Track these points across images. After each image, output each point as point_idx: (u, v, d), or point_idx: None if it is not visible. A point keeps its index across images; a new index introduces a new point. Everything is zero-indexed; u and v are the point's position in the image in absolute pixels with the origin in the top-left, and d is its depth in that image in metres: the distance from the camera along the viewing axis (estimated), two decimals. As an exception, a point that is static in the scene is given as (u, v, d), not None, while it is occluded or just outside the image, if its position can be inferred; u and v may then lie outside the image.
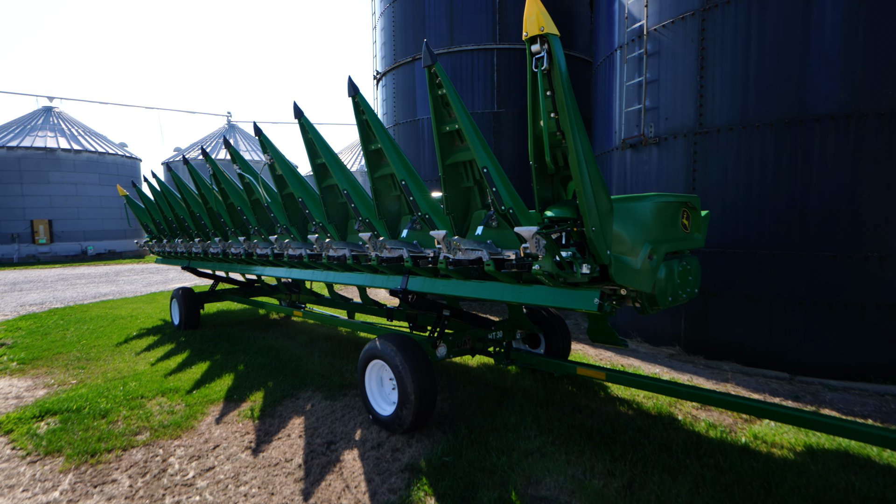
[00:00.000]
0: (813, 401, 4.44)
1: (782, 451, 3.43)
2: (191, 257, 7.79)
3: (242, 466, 3.45)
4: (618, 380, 3.96)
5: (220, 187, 5.94)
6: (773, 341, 5.20)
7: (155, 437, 3.91)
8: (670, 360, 5.76)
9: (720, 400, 3.45)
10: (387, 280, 4.29)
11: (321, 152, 4.24)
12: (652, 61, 6.02)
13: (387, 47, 10.90)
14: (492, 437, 3.66)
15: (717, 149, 5.47)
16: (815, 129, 4.86)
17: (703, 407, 4.23)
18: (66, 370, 5.76)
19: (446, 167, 3.37)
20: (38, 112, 27.47)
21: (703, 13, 5.47)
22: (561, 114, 2.46)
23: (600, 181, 2.68)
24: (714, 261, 5.54)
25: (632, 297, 3.30)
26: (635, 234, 3.06)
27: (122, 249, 26.92)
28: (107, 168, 26.41)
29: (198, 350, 6.45)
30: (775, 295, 5.17)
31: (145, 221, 8.98)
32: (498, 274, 3.24)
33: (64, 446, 3.74)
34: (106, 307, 10.20)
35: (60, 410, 4.39)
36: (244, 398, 4.71)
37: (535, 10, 2.34)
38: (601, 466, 3.23)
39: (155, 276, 16.65)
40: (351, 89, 3.66)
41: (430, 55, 2.94)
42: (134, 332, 7.73)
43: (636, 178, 6.40)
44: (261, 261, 5.95)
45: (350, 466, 3.40)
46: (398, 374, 3.65)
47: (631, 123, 6.38)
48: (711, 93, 5.47)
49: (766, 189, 5.15)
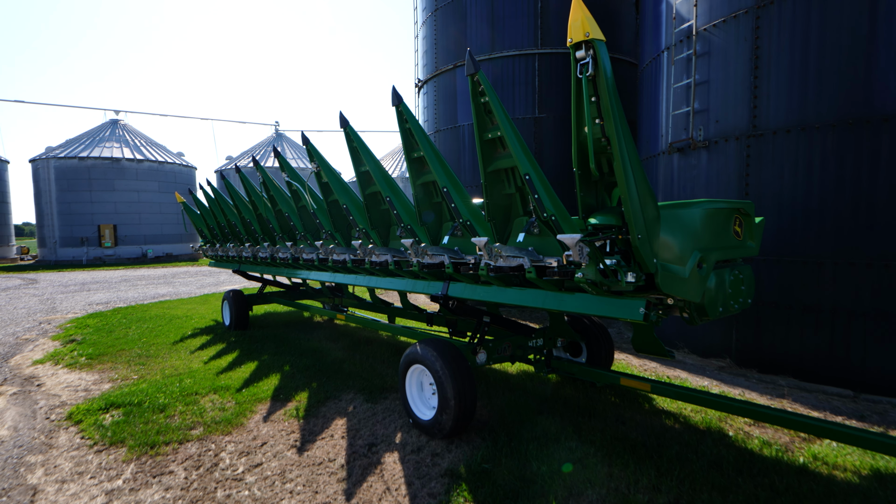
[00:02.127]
0: (880, 421, 4.14)
1: (845, 473, 3.21)
2: (241, 261, 8.15)
3: (288, 464, 3.57)
4: (664, 392, 3.83)
5: (269, 194, 6.19)
6: (835, 355, 4.88)
7: (208, 432, 4.11)
8: (720, 372, 5.51)
9: (776, 416, 3.27)
10: (428, 286, 4.34)
11: (365, 160, 4.34)
12: (701, 62, 5.82)
13: (428, 55, 11.05)
14: (532, 445, 3.62)
15: (772, 152, 5.21)
16: (883, 129, 4.54)
17: (756, 423, 4.02)
18: (129, 366, 6.14)
19: (488, 174, 3.38)
20: (105, 125, 29.58)
21: (758, 10, 5.24)
22: (606, 120, 2.42)
23: (647, 188, 2.62)
24: (769, 270, 5.27)
25: (679, 306, 3.19)
26: (684, 242, 2.97)
27: (178, 253, 28.49)
28: (165, 176, 28.08)
29: (247, 350, 6.72)
30: (837, 306, 4.85)
31: (200, 226, 9.47)
32: (539, 281, 3.22)
33: (126, 437, 3.99)
34: (164, 307, 10.80)
35: (123, 404, 4.69)
36: (290, 398, 4.87)
37: (581, 15, 2.32)
38: (646, 481, 3.13)
39: (208, 279, 17.48)
40: (395, 99, 3.74)
41: (472, 63, 2.97)
42: (189, 331, 8.15)
43: (684, 183, 6.19)
44: (306, 265, 6.15)
45: (391, 469, 3.45)
46: (438, 380, 3.68)
47: (678, 127, 6.18)
48: (766, 93, 5.23)
49: (827, 194, 4.86)
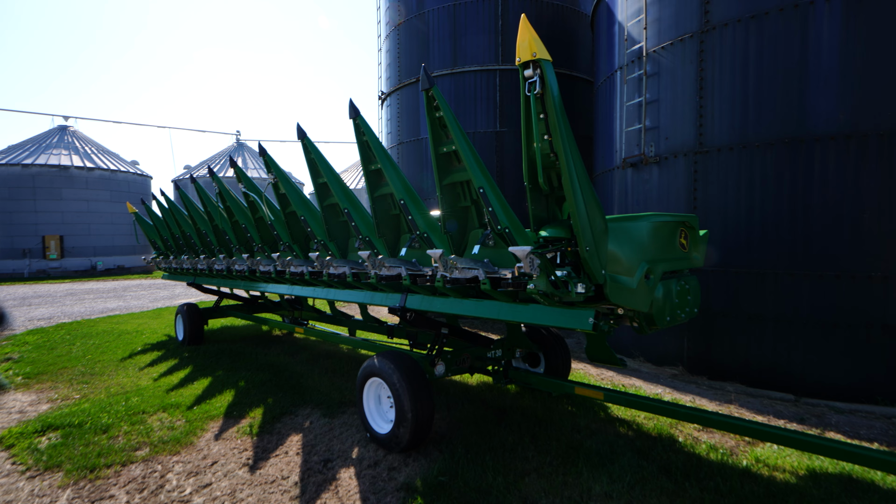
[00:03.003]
0: (818, 423, 4.37)
1: (784, 474, 3.37)
2: (196, 273, 7.88)
3: (239, 483, 3.45)
4: (616, 400, 3.93)
5: (225, 205, 6.04)
6: (778, 362, 5.14)
7: (154, 452, 3.92)
8: (673, 380, 5.70)
9: (721, 422, 3.41)
10: (386, 298, 4.32)
11: (322, 172, 4.32)
12: (651, 82, 6.10)
13: (392, 68, 11.12)
14: (489, 456, 3.63)
15: (717, 168, 5.50)
16: (816, 149, 4.87)
17: (705, 429, 4.18)
18: (70, 385, 5.80)
19: (444, 187, 3.42)
20: (53, 131, 28.15)
21: (702, 35, 5.55)
22: (554, 136, 2.50)
23: (595, 201, 2.71)
24: (717, 281, 5.52)
25: (629, 316, 3.30)
26: (631, 254, 3.08)
27: (130, 265, 27.24)
28: (118, 185, 26.90)
29: (200, 366, 6.48)
30: (779, 315, 5.12)
31: (153, 238, 9.12)
32: (494, 293, 3.26)
33: (64, 461, 3.76)
34: (112, 322, 10.29)
35: (62, 425, 4.42)
36: (244, 414, 4.72)
37: (528, 36, 2.41)
38: (599, 488, 3.19)
39: (162, 292, 16.79)
40: (352, 111, 3.75)
41: (427, 79, 3.02)
42: (139, 347, 7.78)
43: (637, 197, 6.43)
44: (264, 277, 6.01)
45: (346, 485, 3.38)
46: (395, 392, 3.65)
47: (631, 143, 6.44)
48: (711, 113, 5.52)
49: (768, 209, 5.15)
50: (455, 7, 9.76)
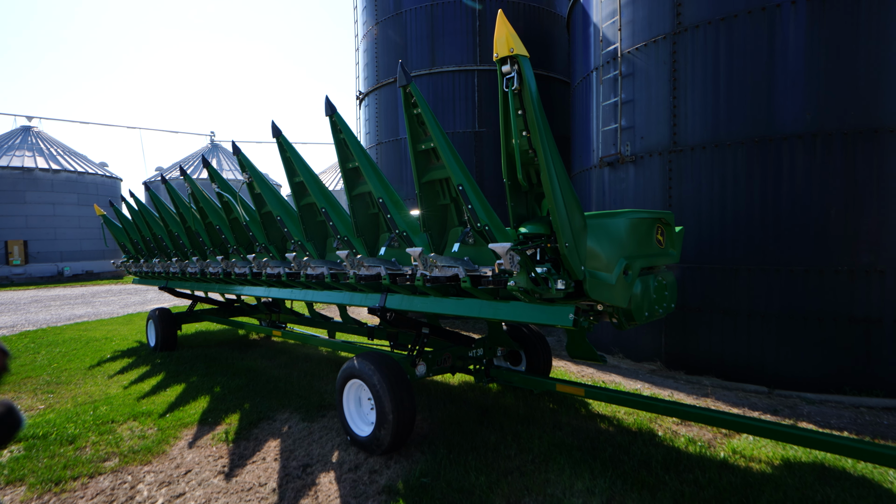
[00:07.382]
0: (791, 414, 4.48)
1: (760, 465, 3.44)
2: (168, 277, 7.65)
3: (214, 492, 3.34)
4: (597, 396, 3.95)
5: (198, 206, 5.88)
6: (752, 355, 5.26)
7: (124, 462, 3.77)
8: (652, 375, 5.78)
9: (699, 415, 3.45)
10: (365, 298, 4.26)
11: (299, 171, 4.23)
12: (626, 82, 6.19)
13: (370, 68, 11.04)
14: (471, 456, 3.61)
15: (691, 167, 5.60)
16: (784, 147, 5.01)
17: (683, 422, 4.24)
18: (35, 395, 5.55)
19: (423, 185, 3.39)
20: (15, 131, 27.02)
21: (674, 37, 5.66)
22: (532, 132, 2.50)
23: (573, 198, 2.71)
24: (692, 276, 5.62)
25: (608, 312, 3.33)
26: (610, 250, 3.10)
27: (99, 270, 26.32)
28: (86, 188, 25.97)
29: (173, 372, 6.29)
30: (752, 310, 5.25)
31: (122, 241, 8.83)
32: (474, 290, 3.25)
33: (27, 475, 3.58)
34: (80, 329, 9.92)
35: (25, 437, 4.22)
36: (219, 421, 4.58)
37: (505, 31, 2.40)
38: (581, 484, 3.20)
39: (133, 297, 16.29)
40: (328, 109, 3.69)
41: (405, 75, 2.99)
42: (108, 354, 7.51)
43: (614, 195, 6.51)
44: (239, 280, 5.87)
45: (326, 490, 3.31)
46: (376, 394, 3.60)
47: (608, 142, 6.52)
48: (684, 113, 5.63)
49: (739, 206, 5.27)
50: (433, 7, 9.74)
